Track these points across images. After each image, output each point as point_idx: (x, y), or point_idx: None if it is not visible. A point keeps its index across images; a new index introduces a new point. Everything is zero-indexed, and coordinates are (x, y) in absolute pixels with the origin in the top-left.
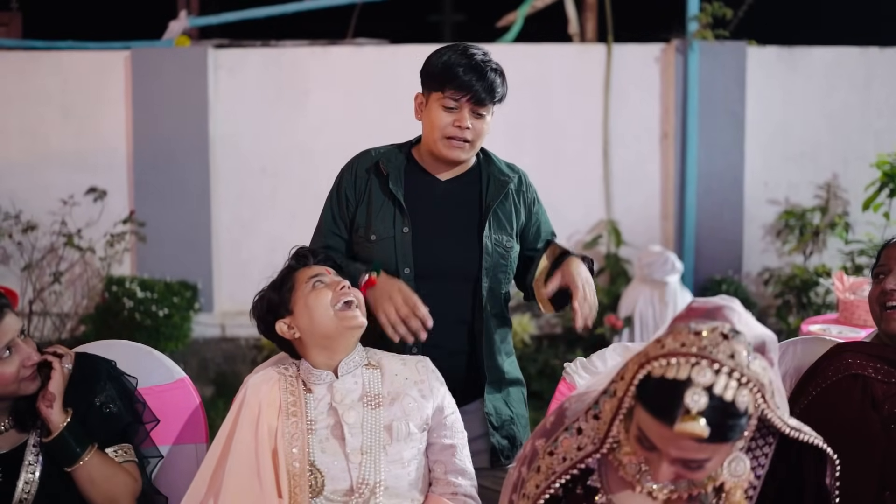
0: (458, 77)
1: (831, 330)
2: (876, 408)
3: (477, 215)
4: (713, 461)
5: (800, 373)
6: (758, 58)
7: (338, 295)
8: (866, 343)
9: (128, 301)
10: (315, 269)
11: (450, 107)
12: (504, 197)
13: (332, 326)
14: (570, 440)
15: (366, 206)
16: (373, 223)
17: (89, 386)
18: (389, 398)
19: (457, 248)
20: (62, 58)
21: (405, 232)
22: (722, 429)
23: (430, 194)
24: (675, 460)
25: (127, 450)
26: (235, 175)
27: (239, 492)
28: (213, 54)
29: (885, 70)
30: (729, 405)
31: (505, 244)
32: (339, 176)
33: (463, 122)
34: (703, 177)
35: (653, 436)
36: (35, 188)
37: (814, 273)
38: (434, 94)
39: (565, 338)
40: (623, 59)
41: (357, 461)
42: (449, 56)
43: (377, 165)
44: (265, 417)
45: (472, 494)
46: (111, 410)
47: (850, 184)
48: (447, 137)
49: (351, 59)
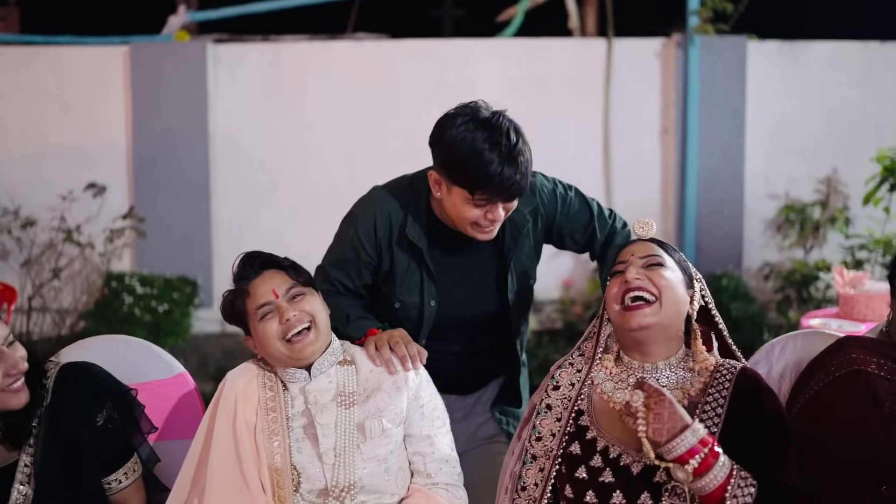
0: (490, 183)
1: (831, 324)
2: (877, 405)
3: (498, 266)
4: (667, 273)
5: (800, 366)
6: (758, 52)
7: (285, 327)
8: (871, 339)
9: (127, 297)
10: (261, 295)
11: (479, 204)
12: (524, 240)
13: (284, 356)
14: (547, 418)
15: (388, 266)
16: (397, 290)
17: (90, 406)
18: (364, 395)
19: (481, 306)
20: (60, 53)
21: (432, 305)
22: (657, 240)
23: (452, 258)
24: (639, 264)
25: (135, 465)
26: (235, 170)
27: (223, 489)
28: (212, 49)
29: (886, 64)
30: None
31: (529, 283)
32: (355, 227)
33: (497, 217)
34: (704, 171)
35: (620, 258)
36: (34, 184)
37: (814, 267)
38: (458, 188)
39: (566, 333)
40: (623, 53)
41: (331, 462)
42: (469, 150)
43: (402, 230)
44: (242, 412)
45: (454, 482)
46: (114, 427)
47: (851, 178)
48: (475, 225)
49: (350, 54)
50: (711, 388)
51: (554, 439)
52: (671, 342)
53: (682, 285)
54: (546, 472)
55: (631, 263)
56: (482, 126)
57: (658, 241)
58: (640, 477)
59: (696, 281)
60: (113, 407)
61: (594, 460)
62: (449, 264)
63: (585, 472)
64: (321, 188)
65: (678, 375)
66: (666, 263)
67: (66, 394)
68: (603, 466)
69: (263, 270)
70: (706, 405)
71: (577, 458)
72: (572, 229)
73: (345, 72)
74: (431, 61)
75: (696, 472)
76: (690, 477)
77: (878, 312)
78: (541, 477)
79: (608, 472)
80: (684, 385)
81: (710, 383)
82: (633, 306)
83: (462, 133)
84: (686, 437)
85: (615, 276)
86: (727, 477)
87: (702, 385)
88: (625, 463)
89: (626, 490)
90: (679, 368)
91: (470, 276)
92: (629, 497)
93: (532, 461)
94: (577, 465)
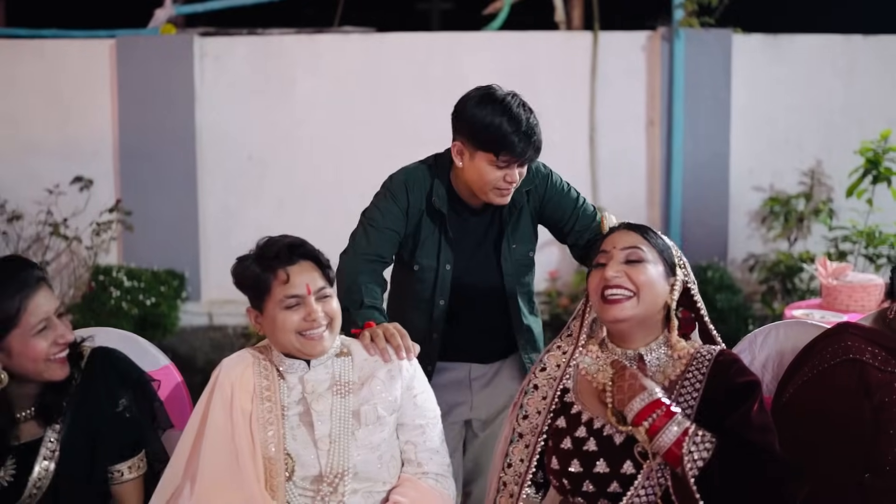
0: (513, 147)
1: (814, 315)
2: (868, 395)
3: (498, 238)
4: (647, 268)
5: (782, 356)
6: (743, 45)
7: (308, 325)
8: (869, 327)
9: (114, 290)
10: (295, 285)
11: (499, 166)
12: (519, 214)
13: (292, 347)
14: (533, 397)
15: (413, 230)
16: (417, 253)
17: (114, 391)
18: (359, 383)
19: (485, 274)
20: (46, 46)
21: (447, 269)
22: (641, 227)
23: (467, 229)
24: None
25: (141, 462)
26: (222, 163)
27: (216, 476)
28: (198, 42)
29: (869, 58)
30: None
31: (528, 255)
32: (398, 187)
33: (514, 178)
34: (689, 164)
35: (603, 247)
36: (20, 177)
37: (798, 259)
38: (483, 153)
39: (553, 324)
40: (609, 46)
41: (325, 448)
42: (494, 119)
43: (430, 199)
44: (238, 400)
45: (444, 473)
46: (130, 417)
47: (834, 170)
48: (496, 189)
49: (337, 48)
50: (689, 371)
51: (539, 416)
52: (651, 329)
53: (663, 277)
54: (532, 447)
55: (612, 257)
56: (503, 99)
57: (641, 228)
58: (622, 446)
59: (678, 268)
60: (133, 396)
61: (579, 431)
62: (463, 233)
63: (570, 443)
64: (309, 181)
65: (660, 360)
66: (646, 257)
67: (97, 376)
68: (587, 436)
69: (301, 260)
70: (683, 387)
71: (562, 431)
72: (561, 210)
73: (332, 65)
74: (418, 54)
75: (649, 431)
76: (647, 438)
77: (860, 303)
78: (526, 453)
79: (592, 441)
80: (665, 369)
81: (689, 366)
82: (611, 299)
83: (487, 104)
84: (641, 400)
85: (597, 267)
86: (682, 434)
87: (682, 368)
88: (608, 433)
89: (609, 458)
90: (660, 353)
91: (480, 247)
92: (612, 465)
93: (519, 439)
94: (563, 437)
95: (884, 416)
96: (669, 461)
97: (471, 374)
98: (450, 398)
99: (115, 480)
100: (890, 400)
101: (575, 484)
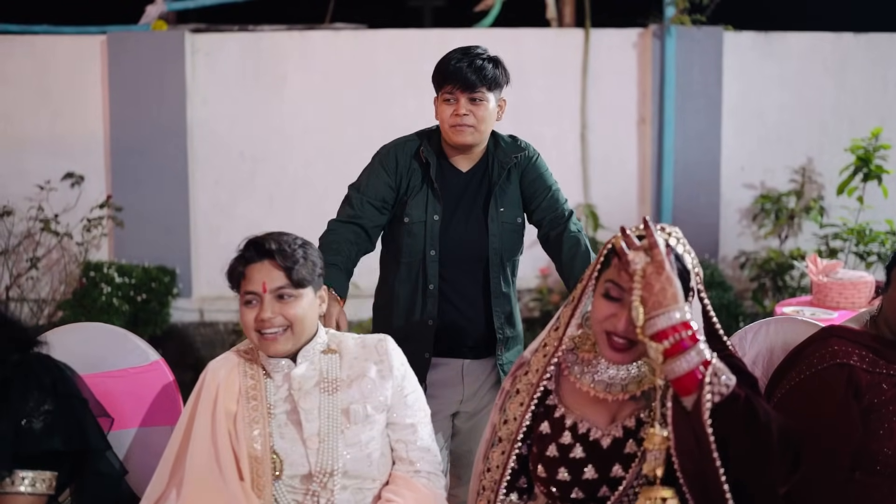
0: (450, 70)
1: (805, 312)
2: (858, 397)
3: (486, 199)
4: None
5: (772, 353)
6: (734, 43)
7: (258, 323)
8: (854, 329)
9: (105, 286)
10: (252, 282)
11: (448, 100)
12: (507, 176)
13: (255, 344)
14: (513, 402)
15: (405, 189)
16: (407, 207)
17: (27, 399)
18: (348, 381)
19: (472, 232)
20: (37, 42)
21: (435, 219)
22: None
23: (454, 184)
24: None
25: (45, 481)
26: (213, 160)
27: (200, 478)
28: (190, 39)
29: (859, 55)
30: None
31: (515, 220)
32: (385, 153)
33: (460, 111)
34: (680, 161)
35: (619, 268)
36: (11, 173)
37: (789, 256)
38: (439, 93)
39: (543, 321)
40: (600, 44)
41: (314, 447)
42: (447, 56)
43: (418, 153)
44: (222, 401)
45: (435, 472)
46: (43, 427)
47: (825, 168)
48: (452, 126)
49: (329, 44)
50: None
51: (515, 423)
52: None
53: None
54: (507, 454)
55: (623, 303)
56: (467, 47)
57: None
58: (609, 450)
59: (691, 287)
60: (58, 410)
61: (563, 437)
62: (451, 189)
63: (556, 450)
64: (300, 178)
65: (648, 368)
66: None
67: (18, 377)
68: (573, 443)
69: (265, 259)
70: None
71: (546, 437)
72: (534, 188)
73: (323, 62)
74: (410, 51)
75: (668, 352)
76: (661, 357)
77: (850, 300)
78: (502, 460)
79: (578, 447)
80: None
81: None
82: (616, 343)
83: (452, 51)
84: (669, 314)
85: (608, 299)
86: (702, 362)
87: None
88: (594, 437)
89: (597, 464)
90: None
91: (469, 205)
92: (601, 470)
93: (498, 443)
94: (547, 443)
95: (873, 416)
96: (677, 388)
97: (463, 370)
98: (442, 393)
99: (3, 487)
100: (879, 400)
101: (564, 492)
